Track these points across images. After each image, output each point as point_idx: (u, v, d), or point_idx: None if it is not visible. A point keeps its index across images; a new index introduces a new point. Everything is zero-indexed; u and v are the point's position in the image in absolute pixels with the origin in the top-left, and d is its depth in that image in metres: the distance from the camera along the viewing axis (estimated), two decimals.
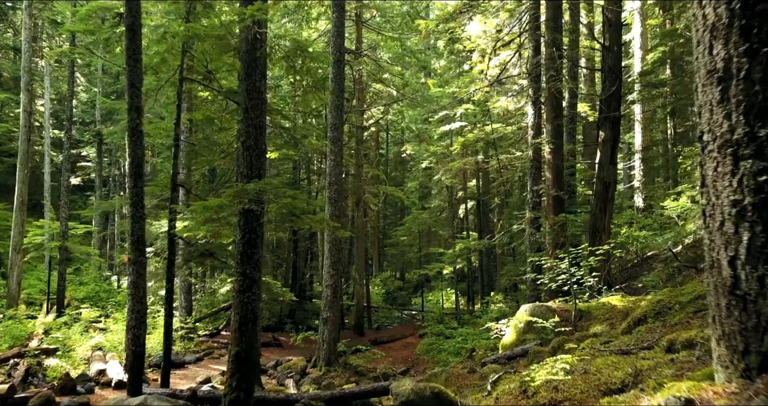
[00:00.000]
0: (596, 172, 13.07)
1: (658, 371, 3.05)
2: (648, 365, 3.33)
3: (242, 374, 6.81)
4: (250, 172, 7.11)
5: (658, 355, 3.61)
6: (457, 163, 23.24)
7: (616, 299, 8.79)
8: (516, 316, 9.17)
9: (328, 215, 14.69)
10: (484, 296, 25.34)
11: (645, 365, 3.35)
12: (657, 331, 4.98)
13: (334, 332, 14.53)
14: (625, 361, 3.66)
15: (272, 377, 13.44)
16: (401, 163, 43.00)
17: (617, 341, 5.06)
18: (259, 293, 7.18)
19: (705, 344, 3.33)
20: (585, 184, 21.68)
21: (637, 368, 3.31)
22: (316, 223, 7.35)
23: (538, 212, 13.39)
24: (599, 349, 4.70)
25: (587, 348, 4.86)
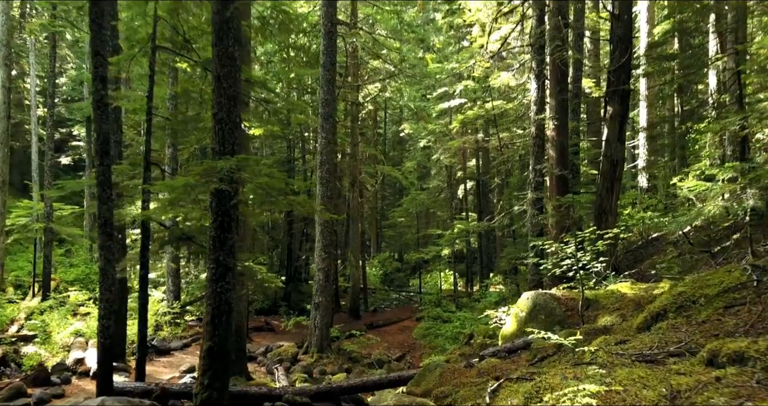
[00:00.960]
0: (603, 150, 12.32)
1: (705, 396, 2.38)
2: (686, 383, 2.67)
3: (215, 372, 6.17)
4: (222, 149, 6.38)
5: (696, 368, 2.95)
6: (456, 141, 22.45)
7: (625, 286, 8.13)
8: (517, 304, 8.52)
9: (319, 196, 13.99)
10: (483, 278, 24.78)
11: (682, 383, 2.68)
12: (682, 330, 4.31)
13: (326, 317, 13.95)
14: (654, 374, 3.00)
15: (261, 365, 12.88)
16: (400, 142, 42.17)
17: (635, 341, 4.38)
18: (234, 281, 6.50)
19: (762, 360, 2.66)
20: (589, 163, 20.92)
21: (673, 387, 2.65)
22: (297, 204, 6.66)
23: (540, 193, 12.66)
24: (616, 352, 4.03)
25: (602, 351, 4.18)
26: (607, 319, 6.96)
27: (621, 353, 3.95)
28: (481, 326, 15.30)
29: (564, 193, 12.12)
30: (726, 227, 10.93)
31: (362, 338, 15.67)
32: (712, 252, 9.88)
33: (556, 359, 6.05)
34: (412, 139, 35.16)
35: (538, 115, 12.62)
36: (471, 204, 28.75)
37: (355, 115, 21.60)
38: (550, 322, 7.71)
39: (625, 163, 23.15)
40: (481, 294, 18.41)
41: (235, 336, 10.81)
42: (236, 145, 6.50)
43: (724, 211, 8.75)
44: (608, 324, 6.68)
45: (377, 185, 31.86)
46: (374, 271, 33.38)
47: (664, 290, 7.06)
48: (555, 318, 7.71)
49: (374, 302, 27.20)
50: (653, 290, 7.49)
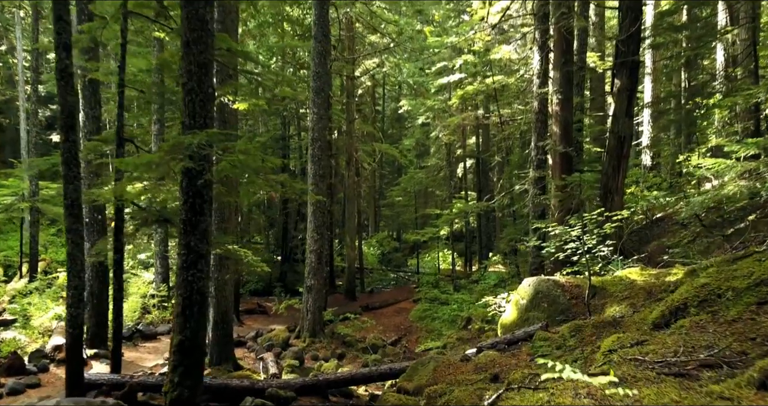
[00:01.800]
0: (609, 126, 11.66)
1: None
2: None
3: (187, 368, 5.63)
4: (193, 122, 5.72)
5: (745, 392, 2.38)
6: (455, 118, 21.71)
7: (634, 272, 7.56)
8: (517, 291, 7.97)
9: (311, 175, 13.36)
10: (482, 258, 24.29)
11: None
12: (709, 330, 3.73)
13: (319, 300, 13.45)
14: (690, 397, 2.43)
15: (251, 350, 12.41)
16: (398, 120, 41.35)
17: (654, 342, 3.81)
18: (207, 269, 5.91)
19: None
20: (593, 140, 20.23)
21: None
22: (276, 185, 6.04)
23: (542, 171, 12.04)
24: (634, 357, 3.46)
25: (617, 356, 3.62)
26: (615, 309, 6.40)
27: (641, 360, 3.38)
28: (479, 309, 14.84)
29: (568, 171, 11.50)
30: (739, 208, 10.34)
31: (357, 322, 15.19)
32: (725, 234, 9.30)
33: (561, 355, 5.51)
34: (410, 116, 34.35)
35: (540, 89, 11.92)
36: (471, 183, 28.12)
37: (351, 91, 20.82)
38: (553, 311, 7.17)
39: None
40: (480, 275, 17.91)
41: (222, 323, 10.33)
42: (208, 118, 5.85)
43: (745, 191, 8.13)
44: (617, 315, 6.12)
45: (375, 164, 31.18)
46: (372, 250, 32.88)
47: (679, 278, 6.50)
48: (558, 307, 7.16)
49: (371, 282, 26.76)
50: (665, 276, 6.91)
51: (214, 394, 7.36)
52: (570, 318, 6.97)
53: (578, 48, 15.73)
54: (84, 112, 10.95)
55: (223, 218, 10.19)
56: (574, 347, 5.48)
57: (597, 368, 3.72)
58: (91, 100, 10.94)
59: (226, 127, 10.31)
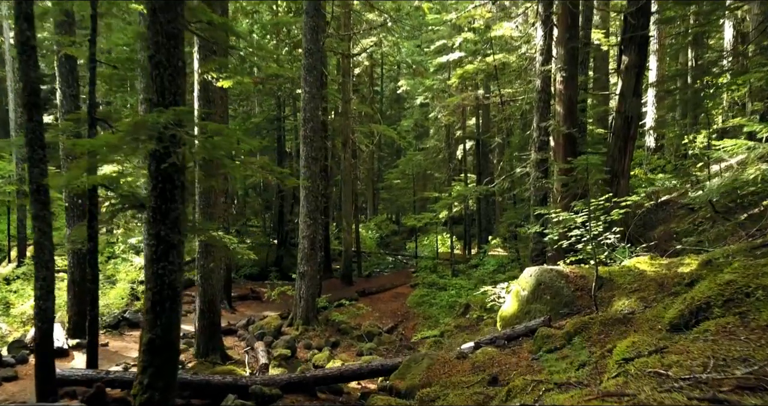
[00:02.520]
0: (616, 105, 11.09)
1: None
2: None
3: (158, 369, 5.16)
4: (161, 99, 5.17)
5: None
6: (455, 98, 21.07)
7: (643, 261, 7.07)
8: (518, 281, 7.48)
9: (303, 157, 12.81)
10: (481, 241, 23.84)
11: None
12: (740, 338, 3.24)
13: (312, 287, 12.99)
14: None
15: (241, 339, 11.99)
16: (397, 100, 40.62)
17: (676, 349, 3.31)
18: (179, 261, 5.41)
19: None
20: (596, 121, 19.63)
21: None
22: (255, 169, 5.52)
23: (544, 153, 11.49)
24: (655, 371, 2.97)
25: (633, 368, 3.13)
26: (624, 303, 5.92)
27: (663, 374, 2.88)
28: (478, 295, 14.40)
29: (572, 153, 10.95)
30: (752, 192, 9.81)
31: (352, 308, 14.78)
32: (738, 221, 8.80)
33: (566, 354, 5.03)
34: (409, 96, 33.63)
35: (544, 67, 11.30)
36: (470, 165, 27.53)
37: (347, 69, 20.14)
38: (556, 303, 6.69)
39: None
40: (479, 260, 17.47)
41: (208, 312, 9.88)
42: (179, 95, 5.29)
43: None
44: (627, 310, 5.63)
45: (373, 146, 30.55)
46: (370, 234, 32.44)
47: (694, 269, 6.01)
48: (562, 299, 6.68)
49: (369, 266, 26.35)
50: (678, 267, 6.43)
51: (195, 390, 6.93)
52: (574, 311, 6.51)
53: (583, 24, 15.04)
54: (61, 90, 10.36)
55: (208, 202, 9.68)
56: (581, 347, 5.01)
57: (611, 380, 3.24)
58: (68, 78, 10.33)
59: (211, 107, 9.75)
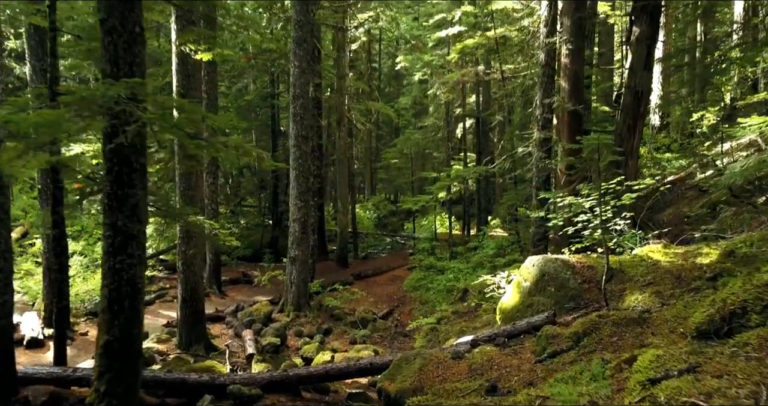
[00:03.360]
0: (625, 80, 10.40)
1: None
2: None
3: (117, 374, 4.61)
4: (115, 70, 4.52)
5: None
6: (454, 74, 20.26)
7: (656, 250, 6.48)
8: (520, 271, 6.91)
9: (293, 135, 12.14)
10: (481, 222, 23.29)
11: None
12: None
13: (303, 272, 12.46)
14: None
15: (229, 326, 11.49)
16: (396, 77, 39.71)
17: (712, 369, 2.74)
18: (141, 253, 4.83)
19: None
20: (600, 98, 18.88)
21: None
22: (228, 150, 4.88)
23: (548, 132, 10.82)
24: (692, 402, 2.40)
25: (663, 394, 2.56)
26: (637, 298, 5.35)
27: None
28: (477, 279, 13.90)
29: (577, 132, 10.29)
30: None
31: (346, 293, 14.28)
32: (755, 205, 8.20)
33: (574, 358, 4.48)
34: (408, 73, 32.73)
35: (548, 39, 10.57)
36: (470, 144, 26.83)
37: (342, 44, 19.30)
38: (561, 297, 6.13)
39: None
40: (478, 242, 16.92)
41: (191, 300, 9.36)
42: (136, 65, 4.63)
43: None
44: (641, 307, 5.07)
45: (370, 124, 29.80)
46: (368, 214, 31.88)
47: (714, 260, 5.43)
48: (568, 292, 6.12)
49: (366, 247, 25.84)
50: (695, 256, 5.84)
51: (170, 389, 6.42)
52: (581, 306, 5.95)
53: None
54: (30, 64, 9.67)
55: (189, 185, 9.07)
56: (591, 351, 4.45)
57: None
58: (38, 51, 9.61)
59: (190, 82, 9.07)
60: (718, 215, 8.37)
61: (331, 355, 8.51)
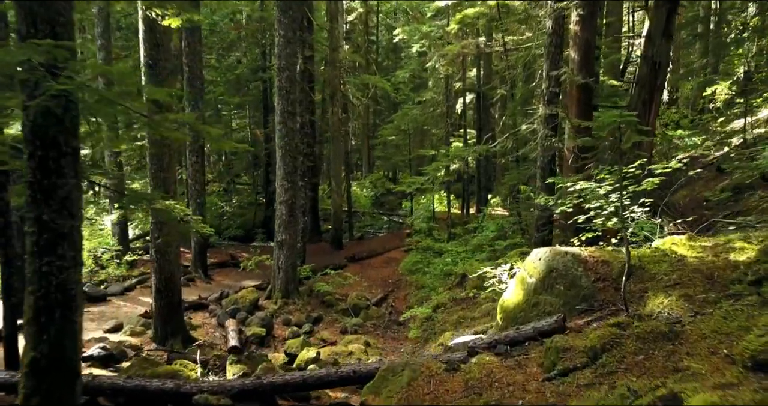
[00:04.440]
0: (642, 50, 9.50)
1: None
2: None
3: (47, 396, 3.88)
4: (32, 31, 3.67)
5: None
6: (454, 46, 19.18)
7: (680, 242, 5.71)
8: (524, 265, 6.14)
9: (279, 111, 11.26)
10: (480, 201, 22.49)
11: None
12: None
13: (291, 257, 11.73)
14: None
15: (212, 315, 10.81)
16: (394, 50, 38.44)
17: None
18: (74, 254, 4.03)
19: None
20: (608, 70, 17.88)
21: None
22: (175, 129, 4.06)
23: (554, 107, 9.93)
24: None
25: None
26: (662, 302, 4.59)
27: None
28: (476, 262, 13.17)
29: (587, 107, 9.44)
30: None
31: (338, 278, 13.57)
32: None
33: (591, 380, 3.74)
34: (406, 46, 31.53)
35: (557, 3, 9.61)
36: (470, 120, 25.87)
37: (335, 13, 18.24)
38: (571, 297, 5.38)
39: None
40: (478, 223, 16.16)
41: (166, 291, 8.63)
42: (60, 26, 3.78)
43: None
44: (668, 315, 4.31)
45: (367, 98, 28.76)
46: (365, 192, 31.05)
47: (753, 257, 4.66)
48: (579, 292, 5.36)
49: (362, 227, 25.12)
50: (726, 251, 5.07)
51: (130, 397, 5.72)
52: (595, 308, 5.20)
53: None
54: None
55: (161, 166, 8.25)
56: (612, 372, 3.71)
57: None
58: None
59: (159, 51, 8.16)
60: (744, 199, 7.56)
61: (316, 351, 7.82)
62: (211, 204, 24.34)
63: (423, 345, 9.76)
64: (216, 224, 21.92)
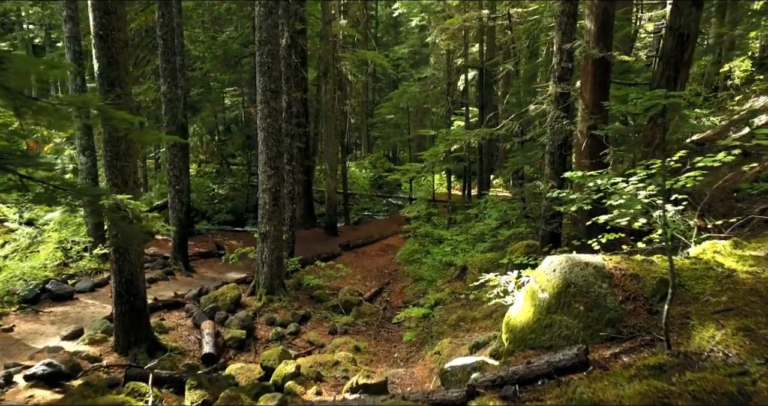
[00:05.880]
0: (667, 20, 8.35)
1: None
2: None
3: None
4: None
5: None
6: (455, 19, 17.95)
7: (724, 250, 4.70)
8: (536, 275, 5.13)
9: (260, 89, 10.16)
10: (482, 184, 21.42)
11: None
12: None
13: (276, 250, 10.76)
14: None
15: (189, 315, 9.87)
16: (394, 25, 37.03)
17: None
18: None
19: None
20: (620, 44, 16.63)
21: None
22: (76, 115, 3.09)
23: (567, 85, 8.82)
24: None
25: None
26: (714, 336, 3.59)
27: None
28: (477, 254, 12.21)
29: (604, 84, 8.33)
30: None
31: (329, 270, 12.62)
32: None
33: None
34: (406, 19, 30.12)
35: None
36: (472, 97, 24.67)
37: None
38: (594, 319, 4.38)
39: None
40: (479, 211, 15.14)
41: (128, 295, 7.68)
42: None
43: None
44: (727, 359, 3.31)
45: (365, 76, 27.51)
46: (364, 173, 30.01)
47: None
48: (604, 314, 4.37)
49: (360, 210, 24.17)
50: None
51: None
52: (624, 336, 4.21)
53: None
54: None
55: (116, 153, 7.22)
56: None
57: None
58: None
59: (111, 19, 7.06)
60: None
61: (295, 366, 6.87)
62: (203, 187, 23.33)
63: (418, 350, 8.85)
64: (207, 208, 20.96)
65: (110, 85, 7.17)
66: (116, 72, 7.22)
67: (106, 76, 7.17)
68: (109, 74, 7.17)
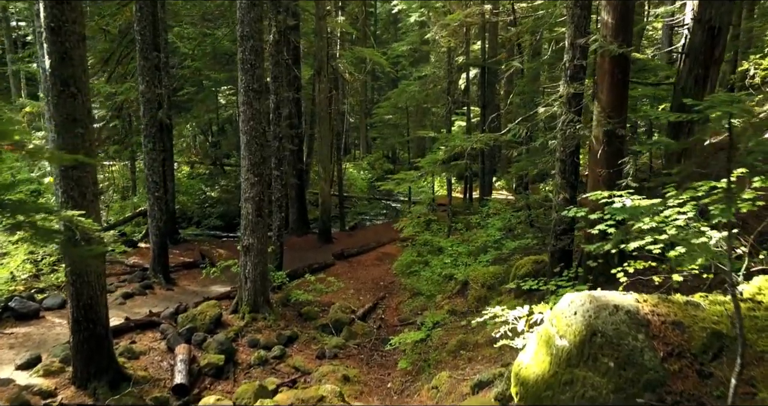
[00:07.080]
0: (695, 12, 7.46)
1: None
2: None
3: None
4: None
5: None
6: (457, 14, 17.07)
7: None
8: (553, 318, 4.25)
9: (242, 88, 9.29)
10: (484, 189, 20.52)
11: None
12: None
13: (261, 264, 9.89)
14: None
15: (164, 336, 8.99)
16: (393, 22, 36.14)
17: None
18: None
19: None
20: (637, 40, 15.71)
21: None
22: None
23: (580, 85, 7.93)
24: None
25: None
26: None
27: None
28: (480, 267, 11.34)
29: (623, 84, 7.42)
30: None
31: (320, 285, 11.75)
32: None
33: None
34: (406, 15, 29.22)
35: None
36: (474, 96, 23.79)
37: None
38: (629, 380, 3.50)
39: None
40: (481, 219, 14.24)
41: (86, 321, 6.83)
42: None
43: None
44: None
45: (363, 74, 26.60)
46: (362, 175, 29.15)
47: None
48: (641, 373, 3.49)
49: (357, 214, 23.31)
50: None
51: None
52: (668, 404, 3.32)
53: None
54: None
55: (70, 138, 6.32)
56: None
57: None
58: None
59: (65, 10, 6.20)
60: None
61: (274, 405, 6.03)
62: (194, 189, 22.48)
63: (414, 380, 7.98)
64: (197, 212, 20.10)
65: (64, 84, 6.31)
66: (71, 69, 6.35)
67: (59, 74, 6.30)
68: (63, 72, 6.30)
